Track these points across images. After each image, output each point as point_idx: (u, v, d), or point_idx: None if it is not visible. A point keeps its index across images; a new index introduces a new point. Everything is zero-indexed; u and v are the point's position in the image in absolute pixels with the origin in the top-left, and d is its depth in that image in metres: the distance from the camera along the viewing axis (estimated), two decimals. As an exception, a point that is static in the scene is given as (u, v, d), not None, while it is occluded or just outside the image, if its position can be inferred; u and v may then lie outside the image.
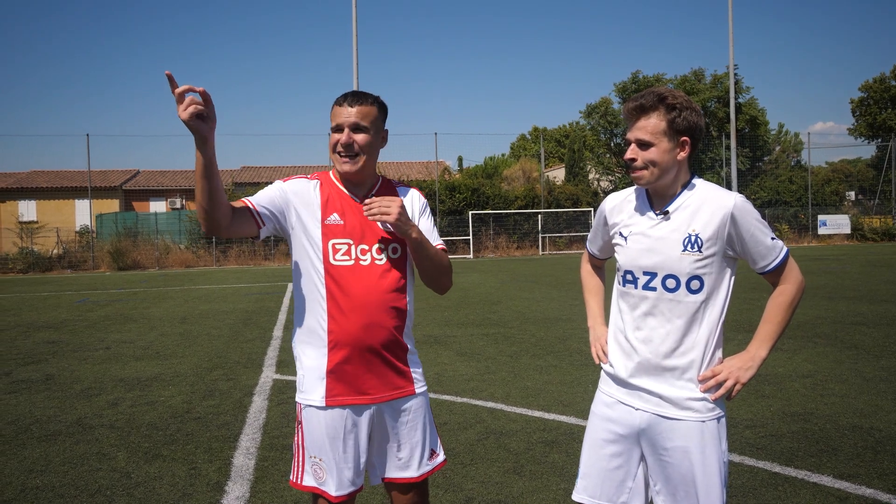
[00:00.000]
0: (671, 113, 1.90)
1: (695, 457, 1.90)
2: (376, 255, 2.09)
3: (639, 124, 1.93)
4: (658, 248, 1.94)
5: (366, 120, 2.08)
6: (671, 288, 1.93)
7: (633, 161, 1.94)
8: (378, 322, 2.07)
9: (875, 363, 6.08)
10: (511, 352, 7.05)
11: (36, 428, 4.76)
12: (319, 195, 2.12)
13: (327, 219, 2.09)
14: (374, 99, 2.13)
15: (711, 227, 1.89)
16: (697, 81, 35.69)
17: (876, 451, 3.83)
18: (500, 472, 3.69)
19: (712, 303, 1.93)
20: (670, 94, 1.92)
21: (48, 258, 25.92)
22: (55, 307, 12.78)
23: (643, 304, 1.97)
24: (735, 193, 1.92)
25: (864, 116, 40.66)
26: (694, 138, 1.93)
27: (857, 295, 11.04)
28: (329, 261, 2.07)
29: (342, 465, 2.10)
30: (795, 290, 1.95)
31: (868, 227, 31.39)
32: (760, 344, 1.95)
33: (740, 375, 1.91)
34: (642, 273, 1.97)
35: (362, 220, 2.10)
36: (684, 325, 1.93)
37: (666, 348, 1.94)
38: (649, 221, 1.98)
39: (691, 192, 1.95)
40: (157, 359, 7.24)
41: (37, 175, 36.53)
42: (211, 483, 3.65)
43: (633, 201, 2.05)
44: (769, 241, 1.91)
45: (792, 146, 40.67)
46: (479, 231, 28.76)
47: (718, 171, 33.49)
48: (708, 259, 1.90)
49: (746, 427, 4.34)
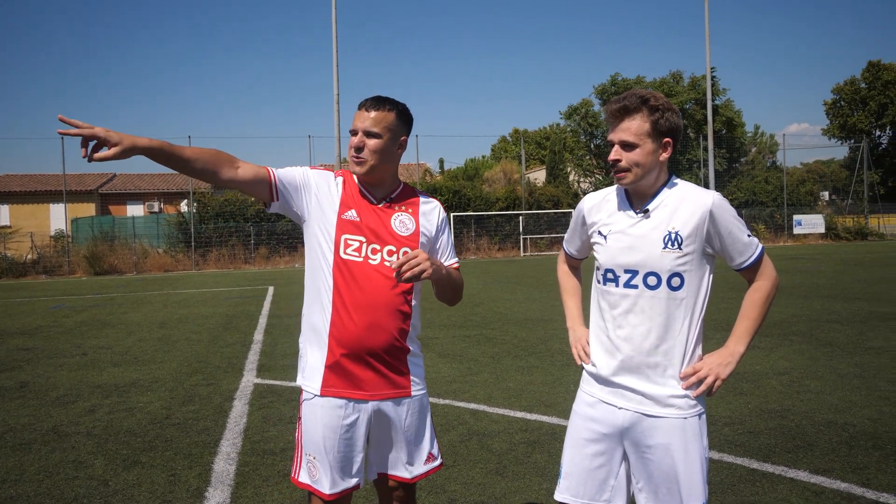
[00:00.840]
0: (654, 114, 1.92)
1: (677, 454, 1.92)
2: (386, 257, 2.11)
3: (622, 126, 1.94)
4: (639, 245, 1.96)
5: (379, 126, 2.11)
6: (652, 285, 1.94)
7: (617, 162, 1.95)
8: (381, 324, 2.08)
9: (849, 360, 6.20)
10: (493, 353, 7.06)
11: (10, 436, 4.66)
12: (341, 190, 2.15)
13: (344, 214, 2.11)
14: (394, 106, 2.16)
15: (691, 224, 1.92)
16: (676, 83, 36.14)
17: (850, 446, 3.90)
18: (483, 474, 3.69)
19: (693, 299, 1.95)
20: (652, 97, 1.94)
21: (22, 263, 25.38)
22: (29, 313, 12.53)
23: (624, 301, 1.98)
24: (713, 192, 1.96)
25: (836, 118, 41.52)
26: (675, 139, 1.96)
27: (831, 293, 11.25)
28: (339, 254, 2.09)
29: (336, 464, 2.11)
30: (770, 286, 1.99)
31: (842, 227, 32.06)
32: (738, 340, 1.98)
33: (720, 371, 1.94)
34: (623, 271, 1.98)
35: (377, 221, 2.14)
36: (666, 322, 1.95)
37: (648, 345, 1.96)
38: (629, 220, 2.00)
39: (671, 190, 1.98)
40: (136, 364, 7.13)
41: (10, 179, 35.80)
42: (191, 489, 3.60)
43: (612, 200, 2.06)
44: (746, 238, 1.95)
45: (768, 147, 41.36)
46: (460, 233, 28.79)
47: (696, 171, 33.92)
48: (688, 256, 1.93)
49: (725, 424, 4.39)
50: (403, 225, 2.16)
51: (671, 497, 1.93)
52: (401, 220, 2.17)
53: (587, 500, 2.03)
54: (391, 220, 2.16)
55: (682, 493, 1.92)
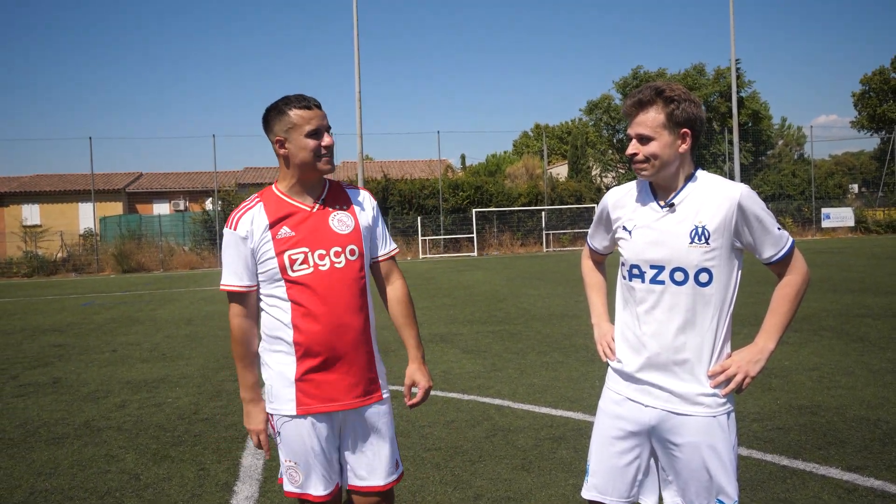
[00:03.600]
0: (669, 105, 1.89)
1: (706, 452, 1.90)
2: (335, 259, 2.10)
3: (638, 119, 1.92)
4: (665, 240, 1.92)
5: (328, 122, 2.13)
6: (679, 281, 1.91)
7: (634, 156, 1.93)
8: (345, 323, 2.08)
9: (881, 355, 6.06)
10: (517, 349, 7.05)
11: (44, 431, 4.78)
12: (265, 215, 2.10)
13: (278, 234, 2.08)
14: None
15: (718, 218, 1.88)
16: (699, 76, 35.60)
17: (884, 443, 3.82)
18: (509, 469, 3.69)
19: (721, 295, 1.91)
20: (668, 87, 1.91)
21: (52, 262, 26.00)
22: (60, 310, 12.83)
23: (650, 297, 1.95)
24: (741, 184, 1.91)
25: (865, 109, 40.51)
26: (694, 130, 1.91)
27: (862, 287, 11.01)
28: (287, 274, 2.07)
29: (318, 466, 2.12)
30: (801, 281, 1.94)
31: (872, 220, 31.36)
32: (768, 336, 1.93)
33: (749, 369, 1.90)
34: (649, 267, 1.95)
35: (314, 226, 2.11)
36: (693, 319, 1.91)
37: (675, 342, 1.92)
38: (654, 214, 1.96)
39: (696, 183, 1.94)
40: (164, 360, 7.26)
41: (40, 179, 36.63)
42: (220, 483, 3.66)
43: (636, 195, 2.03)
44: (776, 231, 1.90)
45: (795, 140, 40.57)
46: (482, 229, 28.74)
47: (721, 165, 33.42)
48: (716, 251, 1.88)
49: (754, 420, 4.33)
50: (342, 223, 2.15)
51: (701, 495, 1.91)
52: (339, 219, 2.15)
53: (616, 498, 2.02)
54: (329, 220, 2.13)
55: (713, 491, 1.90)
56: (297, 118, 2.07)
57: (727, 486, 1.90)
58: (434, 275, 17.74)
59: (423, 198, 28.61)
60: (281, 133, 2.09)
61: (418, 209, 28.51)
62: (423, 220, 28.17)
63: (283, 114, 2.08)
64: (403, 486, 3.52)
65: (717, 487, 1.90)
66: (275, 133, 2.11)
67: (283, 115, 2.08)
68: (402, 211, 28.41)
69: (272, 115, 2.11)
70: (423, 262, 25.39)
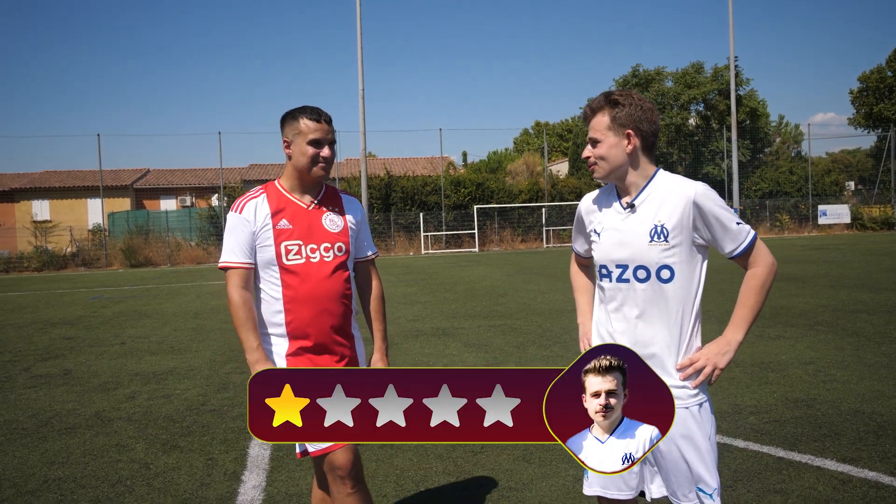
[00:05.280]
0: (614, 109, 2.00)
1: (681, 443, 1.95)
2: (324, 253, 2.36)
3: (591, 124, 2.05)
4: (628, 240, 2.01)
5: (333, 136, 2.39)
6: (642, 278, 1.99)
7: (588, 158, 2.07)
8: (329, 309, 2.33)
9: (876, 349, 6.12)
10: (518, 342, 7.13)
11: (56, 421, 4.90)
12: (268, 205, 2.37)
13: (278, 224, 2.34)
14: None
15: (676, 216, 1.95)
16: (698, 74, 35.44)
17: (878, 435, 3.88)
18: (510, 460, 3.77)
19: (684, 291, 1.97)
20: (616, 92, 2.02)
21: (62, 256, 26.21)
22: (70, 304, 12.97)
23: (618, 296, 2.05)
24: (697, 182, 1.98)
25: (862, 107, 40.27)
26: (640, 131, 1.99)
27: (857, 283, 11.02)
28: (283, 261, 2.33)
29: None
30: (766, 272, 1.98)
31: (868, 217, 31.33)
32: (736, 328, 1.98)
33: (718, 361, 1.95)
34: (615, 266, 2.04)
35: (310, 223, 2.38)
36: (659, 314, 1.98)
37: (643, 338, 2.00)
38: (618, 216, 2.06)
39: (655, 184, 2.02)
40: (172, 353, 7.37)
41: (50, 175, 36.86)
42: (228, 473, 3.76)
43: (604, 199, 2.13)
44: (734, 225, 1.95)
45: (792, 137, 40.41)
46: (483, 225, 28.81)
47: (719, 162, 33.32)
48: (675, 248, 1.96)
49: (751, 413, 4.40)
50: (333, 223, 2.42)
51: (682, 485, 1.97)
52: (330, 219, 2.42)
53: (616, 491, 2.07)
54: (322, 219, 2.40)
55: (693, 480, 1.95)
56: (305, 126, 2.33)
57: (705, 475, 1.95)
58: (436, 270, 17.74)
59: (426, 194, 28.70)
60: (289, 136, 2.37)
61: (420, 205, 28.61)
62: (426, 216, 28.26)
63: (294, 120, 2.35)
64: (407, 476, 3.61)
65: (696, 477, 1.96)
66: (284, 134, 2.38)
67: (294, 121, 2.35)
68: (405, 207, 28.50)
69: (287, 119, 2.38)
70: (425, 257, 25.45)
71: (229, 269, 2.34)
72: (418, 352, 6.83)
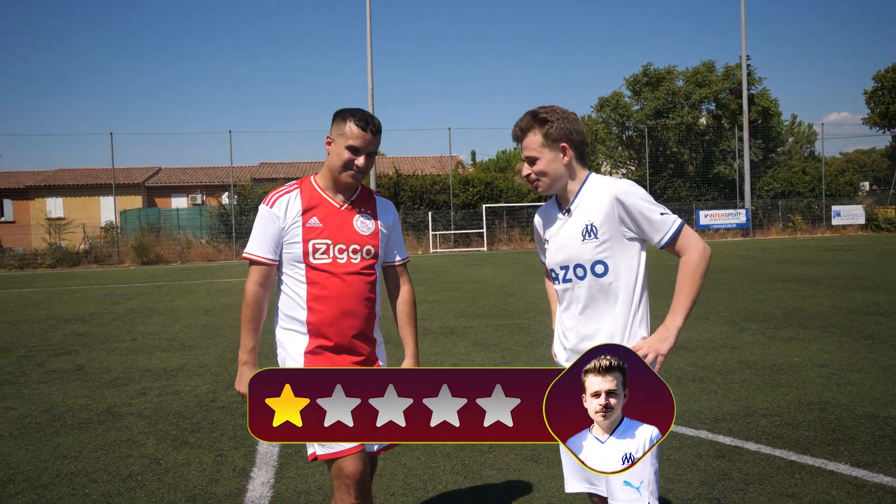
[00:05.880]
0: (544, 126, 2.10)
1: None
2: (352, 255, 2.33)
3: (524, 143, 2.15)
4: (565, 243, 2.15)
5: (375, 146, 2.34)
6: (581, 276, 2.12)
7: (528, 176, 2.16)
8: (352, 311, 2.31)
9: (891, 352, 6.04)
10: (526, 342, 7.11)
11: (69, 416, 4.94)
12: (300, 202, 2.34)
13: (308, 222, 2.32)
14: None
15: (602, 213, 2.07)
16: (709, 73, 35.18)
17: (893, 440, 3.83)
18: (519, 460, 3.76)
19: (622, 283, 2.09)
20: (541, 110, 2.12)
21: (75, 253, 26.46)
22: (83, 300, 13.09)
23: (566, 296, 2.19)
24: (621, 180, 2.09)
25: (877, 106, 39.82)
26: (572, 142, 2.11)
27: (872, 285, 10.90)
28: (309, 260, 2.31)
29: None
30: (697, 258, 2.04)
31: (883, 217, 31.02)
32: (674, 315, 2.03)
33: (659, 347, 1.99)
34: (559, 268, 2.18)
35: (340, 223, 2.35)
36: (600, 308, 2.10)
37: (587, 332, 2.11)
38: (559, 223, 2.20)
39: (588, 187, 2.15)
40: (183, 350, 7.42)
41: (63, 173, 37.24)
42: (237, 469, 3.77)
43: (550, 209, 2.27)
44: (658, 216, 2.04)
45: (805, 137, 40.04)
46: (492, 224, 28.79)
47: (731, 162, 33.06)
48: (606, 243, 2.08)
49: (763, 416, 4.36)
50: (364, 225, 2.39)
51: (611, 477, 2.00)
52: (362, 221, 2.39)
53: (588, 485, 2.16)
54: (353, 220, 2.37)
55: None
56: (349, 130, 2.29)
57: (636, 467, 1.89)
58: (444, 269, 17.70)
59: (434, 193, 28.74)
60: (333, 134, 2.34)
61: (429, 204, 28.64)
62: (434, 215, 28.29)
63: (343, 120, 2.31)
64: (415, 474, 3.61)
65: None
66: (331, 131, 2.36)
67: (342, 122, 2.31)
68: (414, 206, 28.55)
69: (337, 117, 2.34)
70: (433, 256, 25.47)
71: (252, 262, 2.34)
72: (427, 351, 6.83)
